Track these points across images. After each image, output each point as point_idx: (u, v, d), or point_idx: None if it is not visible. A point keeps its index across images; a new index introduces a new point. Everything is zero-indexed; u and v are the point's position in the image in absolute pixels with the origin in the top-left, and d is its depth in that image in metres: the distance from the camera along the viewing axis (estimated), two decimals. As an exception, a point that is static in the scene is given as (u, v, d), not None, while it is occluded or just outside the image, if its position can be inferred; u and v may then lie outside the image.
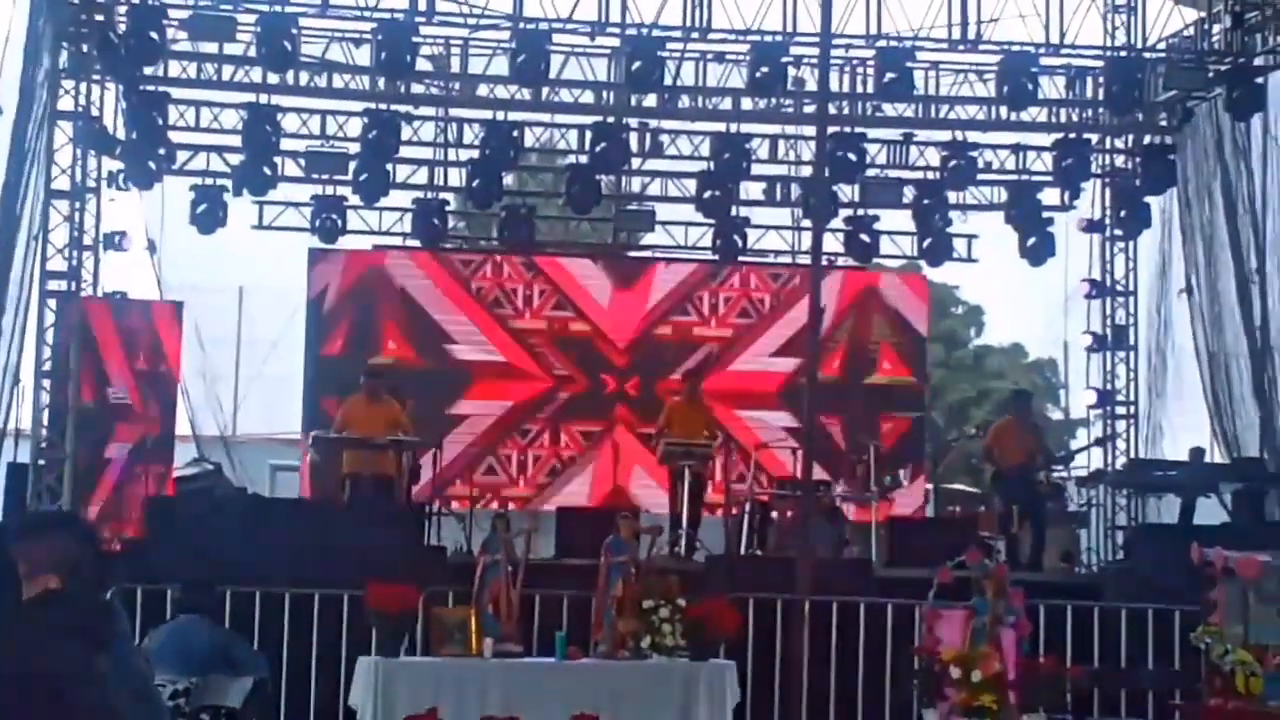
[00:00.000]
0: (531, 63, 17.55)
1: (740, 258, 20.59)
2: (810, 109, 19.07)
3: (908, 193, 20.24)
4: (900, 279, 22.74)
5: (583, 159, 19.59)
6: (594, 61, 18.91)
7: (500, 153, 19.01)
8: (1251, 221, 17.93)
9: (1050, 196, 20.37)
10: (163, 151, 18.81)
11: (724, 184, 19.75)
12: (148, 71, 17.94)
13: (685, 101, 19.24)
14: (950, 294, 34.30)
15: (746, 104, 19.20)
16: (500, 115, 19.00)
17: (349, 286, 20.51)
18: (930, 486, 19.88)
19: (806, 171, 20.37)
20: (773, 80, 18.01)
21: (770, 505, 16.75)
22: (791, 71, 18.38)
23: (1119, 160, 20.64)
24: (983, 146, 19.89)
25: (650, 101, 18.92)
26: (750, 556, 15.79)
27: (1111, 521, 19.57)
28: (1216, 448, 18.45)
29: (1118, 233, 20.48)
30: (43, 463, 16.74)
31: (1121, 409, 20.34)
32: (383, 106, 18.62)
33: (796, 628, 11.67)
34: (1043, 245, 19.98)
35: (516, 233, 20.32)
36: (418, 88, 19.07)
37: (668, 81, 18.33)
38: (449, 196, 20.81)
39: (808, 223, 20.23)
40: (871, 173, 19.90)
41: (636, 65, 17.60)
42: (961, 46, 18.53)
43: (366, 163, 18.75)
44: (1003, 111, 18.95)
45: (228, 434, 19.99)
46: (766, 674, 12.65)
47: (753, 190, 20.75)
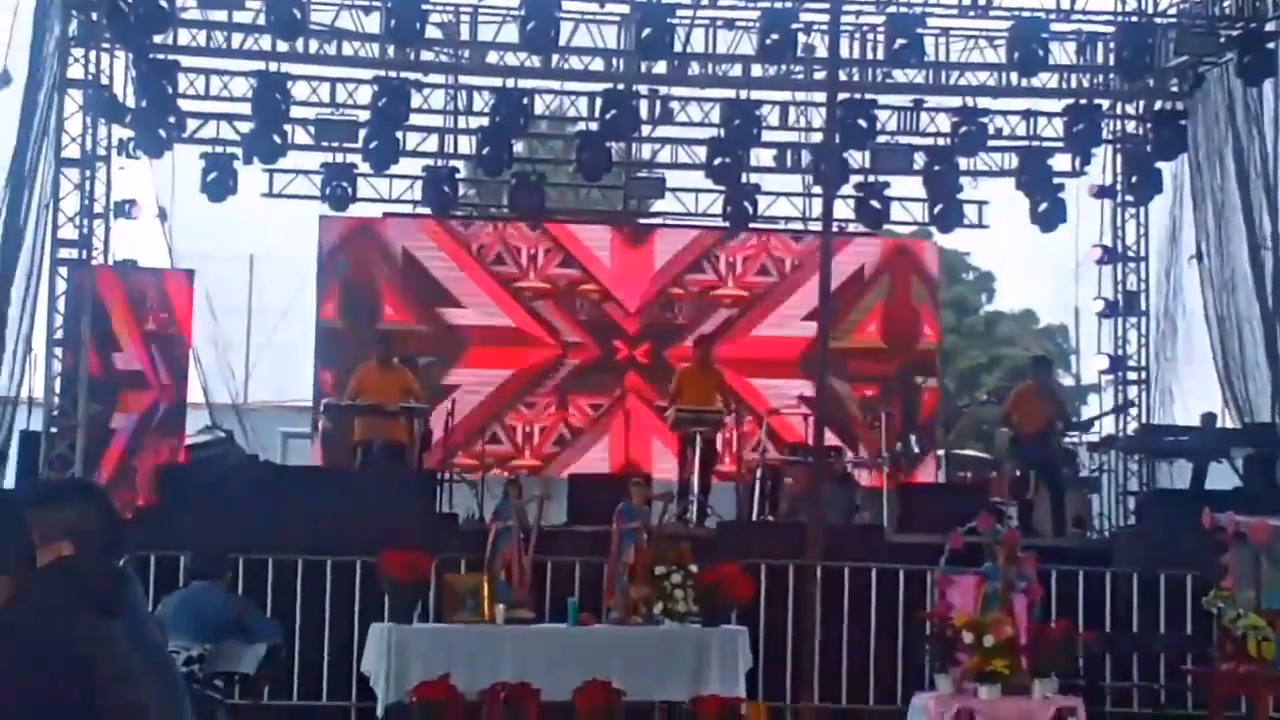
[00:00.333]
0: (541, 30, 17.52)
1: (750, 224, 20.52)
2: (820, 75, 18.95)
3: (918, 159, 20.14)
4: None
5: (593, 126, 19.55)
6: (604, 28, 18.84)
7: (510, 120, 18.98)
8: (1264, 185, 17.87)
9: (1061, 162, 20.34)
10: (173, 119, 18.77)
11: (734, 151, 19.67)
12: (157, 39, 17.92)
13: (695, 68, 19.19)
14: (961, 260, 34.21)
15: (756, 71, 19.11)
16: (510, 82, 18.96)
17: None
18: (941, 453, 19.88)
19: (817, 138, 20.29)
20: (783, 47, 17.97)
21: (782, 471, 16.74)
22: (801, 38, 18.30)
23: (1130, 126, 20.55)
24: (993, 112, 19.81)
25: (660, 68, 18.83)
26: (762, 523, 15.81)
27: (1123, 487, 19.56)
28: (1228, 413, 18.45)
29: (1129, 198, 20.39)
30: (54, 430, 16.73)
31: (1133, 374, 20.29)
32: (392, 74, 18.59)
33: (808, 594, 11.73)
34: (1054, 211, 19.93)
35: (527, 200, 20.26)
36: (427, 55, 19.00)
37: (678, 48, 18.28)
38: (459, 164, 20.81)
39: (818, 189, 20.20)
40: (882, 139, 19.80)
41: (646, 32, 17.58)
42: (972, 12, 18.52)
43: (376, 130, 18.72)
44: (1013, 77, 18.89)
45: (239, 401, 20.02)
46: (778, 640, 12.68)
47: (763, 157, 20.67)
